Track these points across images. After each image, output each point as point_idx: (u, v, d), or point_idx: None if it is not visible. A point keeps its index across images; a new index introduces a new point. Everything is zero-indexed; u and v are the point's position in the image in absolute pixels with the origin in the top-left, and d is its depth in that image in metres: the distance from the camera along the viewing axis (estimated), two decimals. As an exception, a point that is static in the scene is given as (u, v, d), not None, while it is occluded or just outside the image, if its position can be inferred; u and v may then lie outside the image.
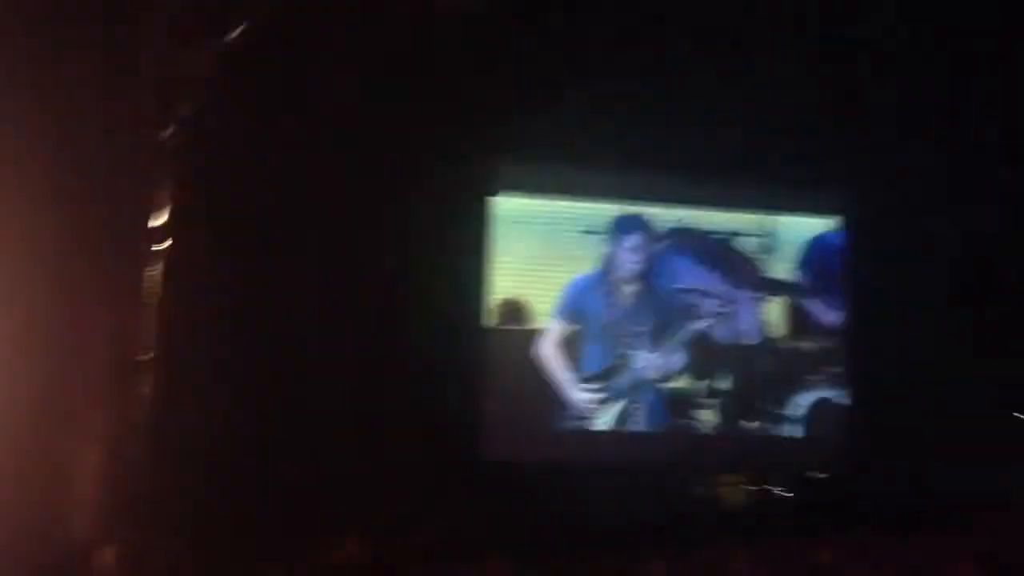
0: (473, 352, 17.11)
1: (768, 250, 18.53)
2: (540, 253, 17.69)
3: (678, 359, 17.61)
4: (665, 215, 18.30)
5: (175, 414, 13.21)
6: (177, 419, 13.33)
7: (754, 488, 19.81)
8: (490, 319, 17.31)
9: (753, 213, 18.61)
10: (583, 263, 17.77)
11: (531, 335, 17.34)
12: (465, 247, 17.55)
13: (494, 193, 17.77)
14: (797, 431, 18.27)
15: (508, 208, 17.83)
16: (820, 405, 18.34)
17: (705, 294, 18.02)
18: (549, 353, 17.29)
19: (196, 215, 13.70)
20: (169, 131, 12.41)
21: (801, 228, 18.88)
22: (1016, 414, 19.94)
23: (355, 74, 15.93)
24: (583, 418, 17.31)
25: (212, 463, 14.33)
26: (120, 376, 11.44)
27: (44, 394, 10.72)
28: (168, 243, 12.45)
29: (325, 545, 13.91)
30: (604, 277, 17.68)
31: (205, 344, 14.55)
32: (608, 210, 18.09)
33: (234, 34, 12.87)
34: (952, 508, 16.21)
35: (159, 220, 12.32)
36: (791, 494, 19.77)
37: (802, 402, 18.31)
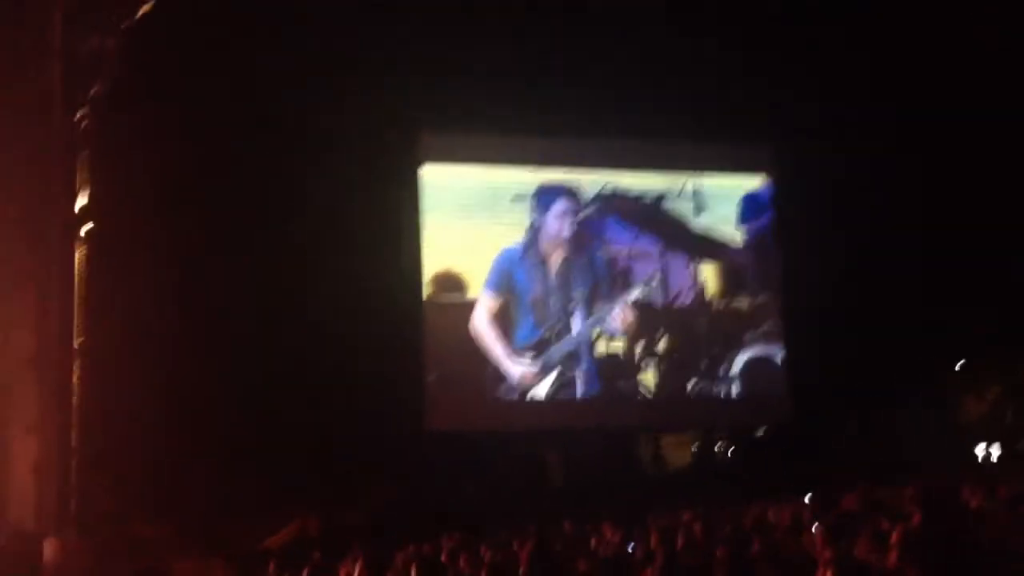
0: (411, 325, 16.93)
1: (698, 210, 18.54)
2: (473, 223, 17.50)
3: (612, 325, 17.56)
4: (592, 180, 18.19)
5: (107, 401, 12.83)
6: (110, 406, 12.94)
7: (697, 448, 19.96)
8: (427, 291, 17.16)
9: (679, 174, 18.58)
10: (514, 232, 17.62)
11: (469, 306, 17.13)
12: (397, 218, 17.34)
13: (421, 163, 17.57)
14: (735, 390, 18.37)
15: (436, 177, 17.66)
16: (756, 363, 18.41)
17: (636, 257, 17.98)
18: (482, 326, 17.11)
19: (117, 195, 13.30)
20: (82, 111, 12.02)
21: (728, 187, 18.90)
22: (955, 365, 20.29)
23: (277, 47, 15.58)
24: (521, 388, 17.20)
25: (149, 447, 14.02)
26: (51, 364, 11.02)
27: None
28: (89, 226, 12.06)
29: (273, 523, 13.73)
30: (532, 247, 17.48)
31: (135, 327, 14.16)
32: (535, 177, 17.93)
33: (144, 8, 12.41)
34: (889, 458, 16.52)
35: (79, 203, 11.93)
36: (733, 452, 19.97)
37: (739, 360, 18.35)
